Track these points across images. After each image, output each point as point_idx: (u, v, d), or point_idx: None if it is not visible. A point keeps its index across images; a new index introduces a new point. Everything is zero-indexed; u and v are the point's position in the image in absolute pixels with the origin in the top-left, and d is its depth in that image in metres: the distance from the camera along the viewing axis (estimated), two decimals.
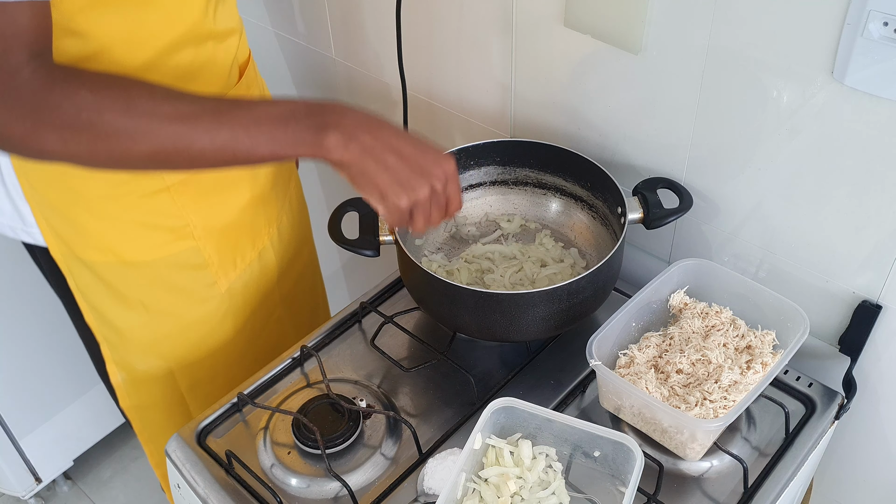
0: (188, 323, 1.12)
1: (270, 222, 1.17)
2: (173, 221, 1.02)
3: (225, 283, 1.12)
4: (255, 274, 1.17)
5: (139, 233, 1.01)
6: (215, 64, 0.97)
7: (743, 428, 0.95)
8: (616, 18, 0.97)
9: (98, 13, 0.81)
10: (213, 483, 0.92)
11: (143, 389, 1.16)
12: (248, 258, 1.14)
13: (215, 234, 1.07)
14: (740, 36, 0.88)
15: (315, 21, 1.44)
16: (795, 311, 0.93)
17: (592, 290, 0.97)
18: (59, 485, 1.98)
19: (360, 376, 1.04)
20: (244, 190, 1.09)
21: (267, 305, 1.22)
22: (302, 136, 0.77)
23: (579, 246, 1.14)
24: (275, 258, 1.20)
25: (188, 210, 1.02)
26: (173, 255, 1.04)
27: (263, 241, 1.16)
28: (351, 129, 0.78)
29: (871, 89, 0.81)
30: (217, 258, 1.09)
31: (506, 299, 0.94)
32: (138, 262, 1.03)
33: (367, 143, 0.78)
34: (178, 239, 1.04)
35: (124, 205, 0.98)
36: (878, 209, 0.88)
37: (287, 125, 0.77)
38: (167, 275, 1.06)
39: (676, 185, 1.03)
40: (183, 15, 0.89)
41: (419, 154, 0.81)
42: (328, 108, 0.79)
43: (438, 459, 0.91)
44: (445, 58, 1.24)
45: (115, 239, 1.01)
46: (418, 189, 0.80)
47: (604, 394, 0.95)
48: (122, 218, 0.99)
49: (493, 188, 1.17)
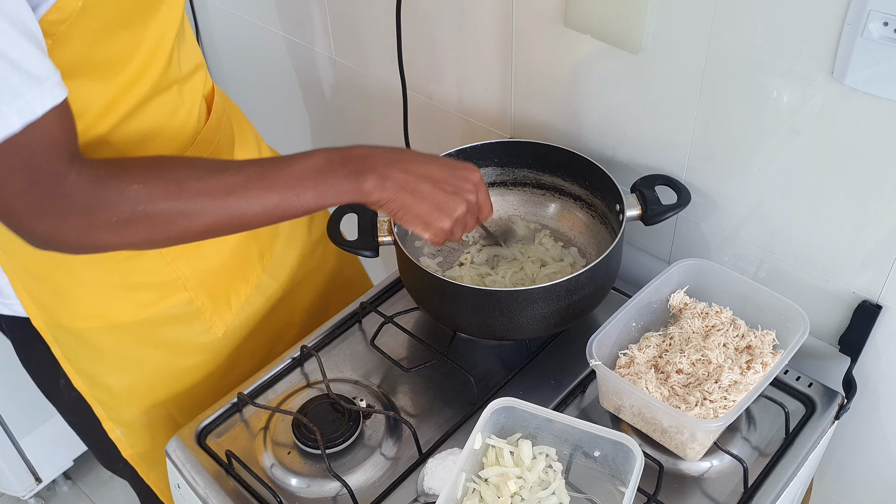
0: (185, 371, 1.09)
1: (263, 253, 1.14)
2: (163, 277, 1.00)
3: (221, 328, 1.08)
4: (257, 306, 1.14)
5: (127, 294, 0.99)
6: (182, 107, 0.94)
7: (743, 428, 0.95)
8: (616, 18, 0.97)
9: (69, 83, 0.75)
10: (213, 483, 0.92)
11: (145, 438, 1.12)
12: (244, 294, 1.11)
13: (207, 281, 1.04)
14: (740, 36, 0.88)
15: (315, 21, 1.44)
16: (795, 311, 0.93)
17: (592, 287, 0.97)
18: (59, 485, 1.98)
19: (360, 376, 1.04)
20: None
21: (275, 326, 1.18)
22: (342, 185, 0.81)
23: (579, 245, 1.14)
24: (276, 284, 1.17)
25: (178, 263, 1.00)
26: (164, 310, 1.02)
27: (258, 273, 1.13)
28: (383, 169, 0.82)
29: (871, 89, 0.81)
30: (211, 304, 1.06)
31: (505, 297, 0.94)
32: (128, 322, 1.00)
33: (400, 179, 0.83)
34: (169, 294, 1.01)
35: (109, 268, 0.96)
36: (878, 209, 0.88)
37: (327, 177, 0.80)
38: (159, 331, 1.03)
39: (674, 181, 1.03)
40: (152, 70, 0.87)
41: (448, 175, 0.86)
42: (359, 154, 0.83)
43: (438, 459, 0.91)
44: (445, 58, 1.24)
45: (101, 303, 0.98)
46: (457, 208, 0.85)
47: (604, 394, 0.95)
48: (109, 282, 0.97)
49: (493, 189, 1.17)
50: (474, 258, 1.14)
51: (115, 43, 0.80)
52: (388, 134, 1.45)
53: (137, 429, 1.11)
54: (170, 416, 1.11)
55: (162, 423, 1.11)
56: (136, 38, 0.82)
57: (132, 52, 0.83)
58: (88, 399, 1.06)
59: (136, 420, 1.10)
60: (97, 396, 1.06)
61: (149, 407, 1.09)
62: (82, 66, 0.79)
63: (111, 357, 1.03)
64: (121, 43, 0.81)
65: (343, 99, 1.53)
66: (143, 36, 0.83)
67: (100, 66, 0.81)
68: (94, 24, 0.76)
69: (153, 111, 0.89)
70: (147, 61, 0.85)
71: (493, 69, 1.18)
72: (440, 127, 1.34)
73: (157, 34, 0.85)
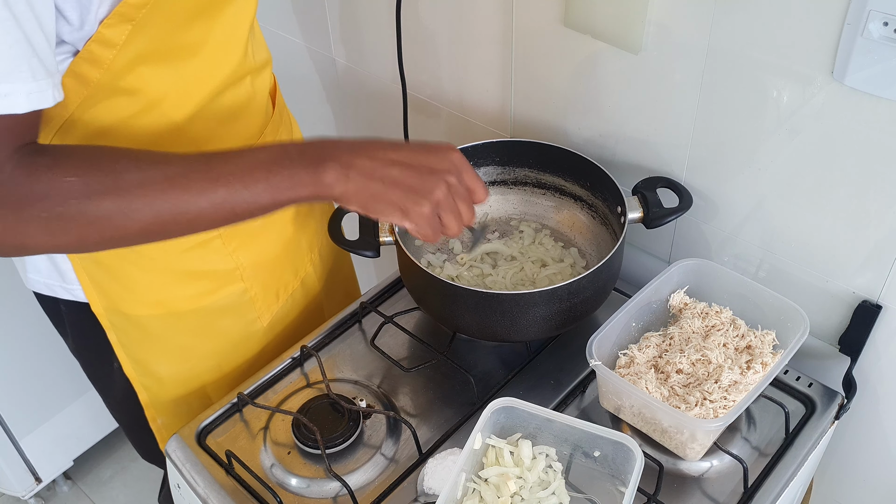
0: (228, 359, 1.10)
1: (312, 247, 1.15)
2: (223, 266, 1.01)
3: (267, 318, 1.10)
4: (298, 299, 1.15)
5: (188, 282, 1.00)
6: (255, 99, 0.95)
7: (743, 428, 0.95)
8: (616, 18, 0.97)
9: (148, 69, 0.79)
10: (213, 483, 0.92)
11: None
12: (291, 287, 1.12)
13: (262, 271, 1.05)
14: (740, 36, 0.88)
15: (315, 21, 1.44)
16: (795, 311, 0.93)
17: (593, 290, 0.97)
18: (59, 485, 1.98)
19: (360, 376, 1.04)
20: (287, 225, 1.07)
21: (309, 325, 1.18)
22: (299, 177, 0.73)
23: (579, 245, 1.14)
24: (317, 281, 1.18)
25: (239, 253, 1.01)
26: (220, 298, 1.03)
27: (306, 267, 1.14)
28: (346, 157, 0.75)
29: (871, 89, 0.81)
30: (262, 294, 1.07)
31: (506, 299, 0.94)
32: (186, 310, 1.01)
33: (365, 166, 0.75)
34: (227, 283, 1.02)
35: (174, 256, 0.96)
36: (878, 209, 0.88)
37: (282, 168, 0.73)
38: (213, 319, 1.04)
39: (676, 184, 1.03)
40: (227, 58, 0.87)
41: (421, 156, 0.78)
42: (318, 144, 0.76)
43: (438, 459, 0.91)
44: (445, 58, 1.24)
45: (162, 290, 0.99)
46: (434, 189, 0.76)
47: (604, 394, 0.95)
48: (172, 269, 0.97)
49: (493, 188, 1.17)
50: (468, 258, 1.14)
51: (193, 29, 0.81)
52: (388, 134, 1.45)
53: (177, 418, 1.12)
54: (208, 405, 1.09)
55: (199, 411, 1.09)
56: (212, 24, 0.82)
57: (207, 38, 0.83)
58: (136, 385, 1.07)
59: (176, 409, 1.11)
60: (145, 384, 1.08)
61: (190, 396, 1.10)
62: (161, 52, 0.79)
63: (164, 344, 1.04)
64: (197, 29, 0.81)
65: (343, 99, 1.53)
66: (218, 23, 0.83)
67: (177, 51, 0.80)
68: (174, 9, 0.77)
69: (229, 101, 0.89)
70: (222, 49, 0.85)
71: (493, 69, 1.18)
72: (440, 127, 1.34)
73: (231, 22, 0.85)
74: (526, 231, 1.16)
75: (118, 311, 0.99)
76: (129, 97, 0.80)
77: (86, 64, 0.75)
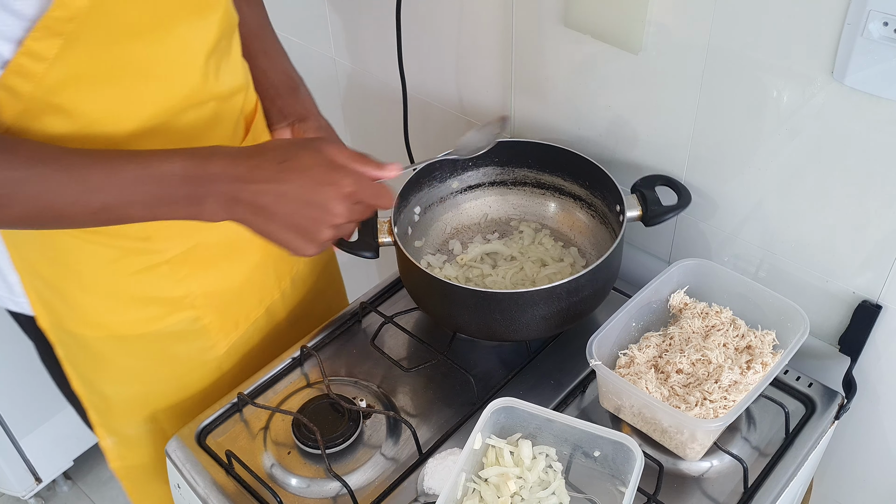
0: (182, 386, 1.07)
1: (282, 276, 1.11)
2: (171, 293, 0.97)
3: (224, 346, 1.06)
4: (261, 326, 1.11)
5: (134, 307, 0.96)
6: (220, 124, 0.91)
7: (743, 428, 0.95)
8: (616, 18, 0.97)
9: (88, 89, 0.76)
10: (213, 483, 0.92)
11: (135, 451, 1.11)
12: (253, 316, 1.09)
13: (217, 300, 1.02)
14: (740, 36, 0.88)
15: (315, 21, 1.44)
16: (795, 311, 0.93)
17: (592, 289, 0.97)
18: (59, 485, 1.98)
19: (360, 376, 1.04)
20: (253, 253, 1.04)
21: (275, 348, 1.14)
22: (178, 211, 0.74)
23: (579, 245, 1.14)
24: (283, 309, 1.14)
25: (189, 281, 0.98)
26: (169, 325, 0.99)
27: (273, 295, 1.11)
28: (228, 190, 0.73)
29: (871, 89, 0.81)
30: (218, 323, 1.04)
31: (505, 298, 0.94)
32: (131, 335, 0.98)
33: (250, 203, 0.73)
34: (176, 310, 0.99)
35: (119, 280, 0.94)
36: (878, 209, 0.88)
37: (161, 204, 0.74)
38: (162, 346, 1.01)
39: (675, 181, 1.03)
40: (180, 83, 0.84)
41: (311, 192, 0.74)
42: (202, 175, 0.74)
43: (438, 459, 0.91)
44: (445, 58, 1.24)
45: (107, 314, 0.96)
46: (323, 230, 0.75)
47: (604, 394, 0.95)
48: (117, 293, 0.95)
49: (492, 188, 1.17)
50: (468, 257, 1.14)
51: (134, 49, 0.78)
52: (388, 134, 1.45)
53: (128, 441, 1.10)
54: (161, 432, 1.09)
55: (154, 438, 1.09)
56: (157, 46, 0.79)
57: (153, 60, 0.80)
58: (84, 403, 1.06)
59: (127, 431, 1.08)
60: (93, 402, 1.05)
61: (141, 420, 1.07)
62: (99, 71, 0.77)
63: (111, 366, 1.01)
64: (140, 49, 0.78)
65: (343, 99, 1.53)
66: (165, 45, 0.80)
67: (118, 71, 0.78)
68: (109, 27, 0.74)
69: (186, 124, 0.86)
70: (171, 72, 0.82)
71: (493, 69, 1.18)
72: (440, 127, 1.34)
73: (181, 45, 0.82)
74: (525, 231, 1.16)
75: (63, 328, 0.97)
76: (64, 117, 0.78)
77: (16, 77, 0.73)
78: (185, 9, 0.81)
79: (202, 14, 0.83)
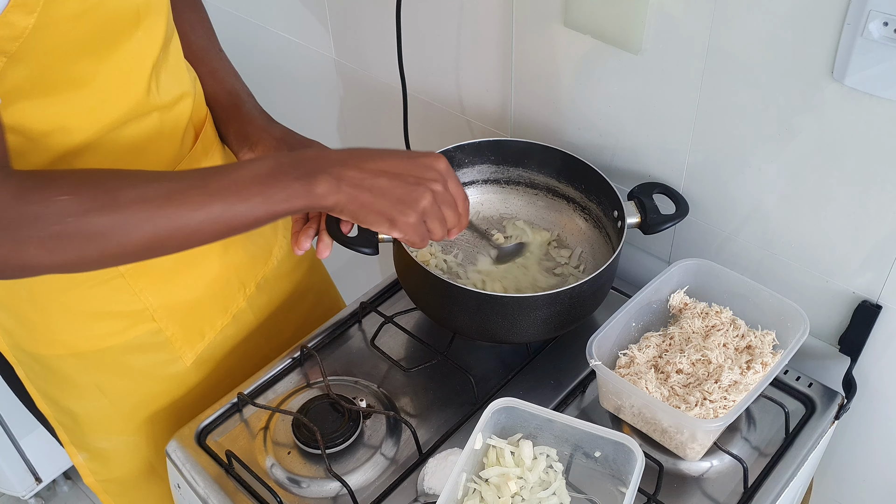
0: (150, 397, 1.05)
1: (246, 282, 1.08)
2: (129, 307, 0.95)
3: (191, 357, 1.04)
4: (230, 335, 1.09)
5: (91, 323, 0.95)
6: (164, 134, 0.90)
7: (743, 428, 0.95)
8: (616, 18, 0.97)
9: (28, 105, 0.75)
10: (213, 483, 0.92)
11: (109, 466, 1.10)
12: (219, 325, 1.06)
13: (178, 312, 1.00)
14: (740, 36, 0.88)
15: (315, 21, 1.44)
16: (795, 311, 0.93)
17: (592, 293, 0.97)
18: (59, 485, 1.98)
19: (360, 376, 1.04)
20: (212, 264, 1.02)
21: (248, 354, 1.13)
22: (293, 189, 0.75)
23: (573, 247, 1.14)
24: (253, 316, 1.12)
25: (147, 293, 0.96)
26: (130, 339, 0.97)
27: (238, 303, 1.08)
28: (336, 169, 0.77)
29: (871, 89, 0.81)
30: (182, 334, 1.02)
31: (508, 302, 0.94)
32: (92, 350, 0.97)
33: (354, 177, 0.77)
34: (135, 324, 0.97)
35: (73, 296, 0.92)
36: (878, 209, 0.88)
37: (277, 181, 0.75)
38: (125, 360, 0.99)
39: (672, 191, 1.03)
40: (125, 95, 0.83)
41: (408, 166, 0.80)
42: (310, 156, 0.78)
43: (438, 459, 0.91)
44: (445, 58, 1.24)
45: (64, 332, 0.94)
46: (420, 199, 0.80)
47: (604, 394, 0.95)
48: (72, 310, 0.93)
49: (487, 187, 1.17)
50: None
51: (80, 65, 0.77)
52: (388, 134, 1.45)
53: (100, 455, 1.09)
54: (134, 445, 1.08)
55: (127, 451, 1.08)
56: (102, 61, 0.79)
57: (97, 75, 0.79)
58: (52, 422, 1.04)
59: (97, 445, 1.07)
60: (61, 420, 1.04)
61: (112, 434, 1.06)
62: (45, 86, 0.76)
63: (74, 384, 1.00)
64: (86, 65, 0.77)
65: (343, 99, 1.53)
66: (111, 60, 0.79)
67: (62, 86, 0.77)
68: (55, 45, 0.73)
69: (130, 135, 0.85)
70: (116, 86, 0.81)
71: (493, 69, 1.18)
72: (440, 127, 1.34)
73: (127, 60, 0.81)
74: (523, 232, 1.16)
75: (22, 349, 0.96)
76: (12, 131, 0.76)
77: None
78: (130, 26, 0.80)
79: (146, 30, 0.83)
